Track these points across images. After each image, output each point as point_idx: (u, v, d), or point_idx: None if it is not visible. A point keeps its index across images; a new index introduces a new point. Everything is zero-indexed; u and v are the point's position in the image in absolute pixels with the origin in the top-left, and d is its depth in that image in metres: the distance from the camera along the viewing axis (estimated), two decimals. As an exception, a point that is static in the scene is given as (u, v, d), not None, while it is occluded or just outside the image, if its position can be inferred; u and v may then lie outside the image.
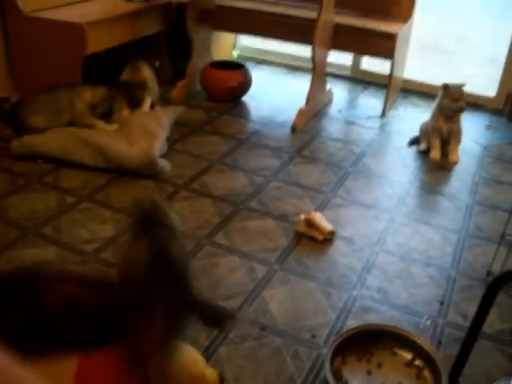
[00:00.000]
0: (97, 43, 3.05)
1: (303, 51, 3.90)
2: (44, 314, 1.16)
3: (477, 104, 3.62)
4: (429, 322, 1.84)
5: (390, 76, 3.36)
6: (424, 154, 3.00)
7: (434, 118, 2.96)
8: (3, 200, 2.37)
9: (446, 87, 2.87)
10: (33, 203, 2.37)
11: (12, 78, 3.20)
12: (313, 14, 3.10)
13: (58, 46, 3.00)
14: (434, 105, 3.01)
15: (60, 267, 1.29)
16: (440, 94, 2.92)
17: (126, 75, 3.14)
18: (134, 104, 3.05)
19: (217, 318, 1.39)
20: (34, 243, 2.11)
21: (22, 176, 2.56)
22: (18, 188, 2.47)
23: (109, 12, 3.20)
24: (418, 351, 1.64)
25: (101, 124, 2.85)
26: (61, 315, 1.16)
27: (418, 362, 1.63)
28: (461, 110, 2.89)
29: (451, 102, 2.86)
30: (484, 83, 3.89)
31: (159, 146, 2.67)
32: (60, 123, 2.78)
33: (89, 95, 2.88)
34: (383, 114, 3.43)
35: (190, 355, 1.41)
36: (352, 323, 1.80)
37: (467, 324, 1.74)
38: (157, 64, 3.33)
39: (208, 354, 1.65)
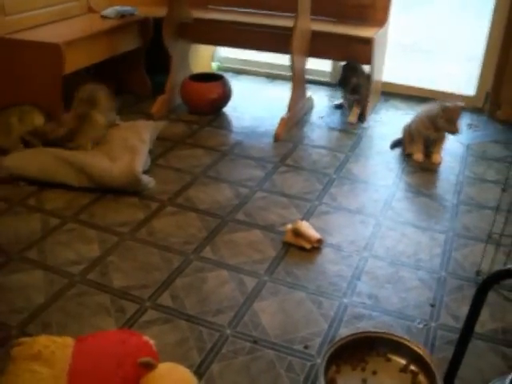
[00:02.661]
0: (75, 62, 3.04)
1: (282, 60, 3.91)
2: None
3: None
4: (421, 326, 1.84)
5: (370, 80, 3.37)
6: (408, 156, 3.01)
7: (424, 126, 2.90)
8: (-15, 225, 2.34)
9: (444, 109, 2.80)
10: (16, 227, 2.33)
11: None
12: (289, 23, 3.10)
13: (36, 67, 2.98)
14: (422, 110, 2.99)
15: None
16: (435, 108, 2.85)
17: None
18: None
19: None
20: (19, 268, 2.07)
21: (4, 199, 2.53)
22: (0, 212, 2.44)
23: (85, 30, 3.19)
24: (412, 356, 1.62)
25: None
26: None
27: (412, 367, 1.62)
28: (455, 133, 2.86)
29: (447, 124, 2.82)
30: (463, 82, 3.93)
31: (141, 161, 2.65)
32: (10, 141, 2.81)
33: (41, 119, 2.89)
34: (364, 119, 3.44)
35: (182, 375, 1.39)
36: (344, 331, 1.79)
37: (460, 325, 1.75)
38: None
39: (200, 371, 1.63)
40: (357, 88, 3.38)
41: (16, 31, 3.06)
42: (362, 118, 3.45)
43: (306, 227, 2.24)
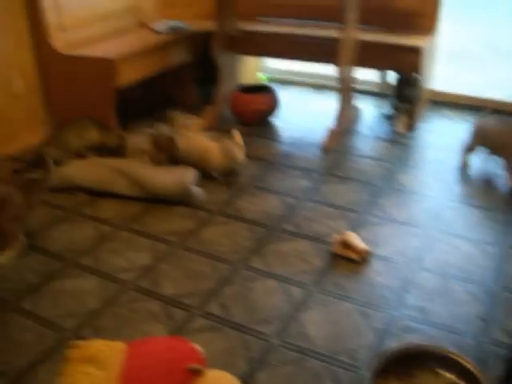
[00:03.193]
0: (128, 76, 3.14)
1: (329, 70, 3.91)
2: None
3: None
4: (481, 321, 1.80)
5: (418, 89, 3.34)
6: (457, 166, 2.96)
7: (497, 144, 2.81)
8: (43, 232, 2.44)
9: None
10: (72, 234, 2.42)
11: (50, 115, 3.31)
12: (336, 34, 3.11)
13: (91, 81, 3.10)
14: (501, 124, 2.83)
15: None
16: None
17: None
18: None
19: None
20: (75, 274, 2.16)
21: (61, 208, 2.63)
22: (57, 220, 2.54)
23: (139, 45, 3.28)
24: (462, 371, 1.59)
25: None
26: None
27: (461, 383, 1.59)
28: None
29: None
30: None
31: (193, 173, 2.71)
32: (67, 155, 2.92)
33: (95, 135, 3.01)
34: (413, 128, 3.40)
35: (228, 382, 1.41)
36: (392, 344, 1.78)
37: None
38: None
39: (246, 379, 1.65)
40: (409, 97, 3.36)
41: (73, 47, 3.19)
42: (410, 127, 3.41)
43: (354, 238, 2.24)
